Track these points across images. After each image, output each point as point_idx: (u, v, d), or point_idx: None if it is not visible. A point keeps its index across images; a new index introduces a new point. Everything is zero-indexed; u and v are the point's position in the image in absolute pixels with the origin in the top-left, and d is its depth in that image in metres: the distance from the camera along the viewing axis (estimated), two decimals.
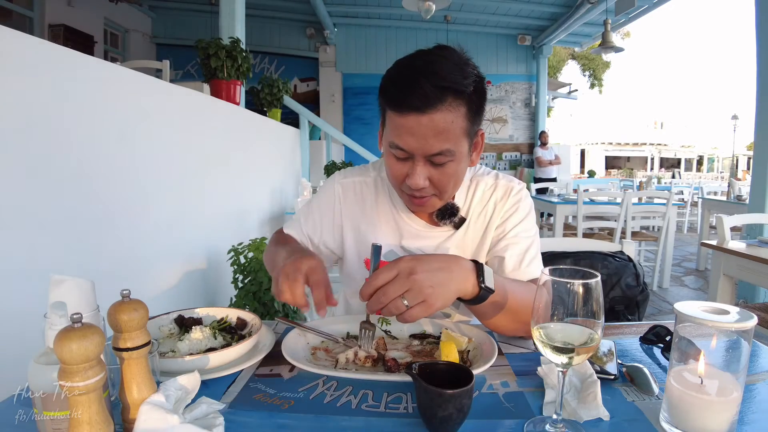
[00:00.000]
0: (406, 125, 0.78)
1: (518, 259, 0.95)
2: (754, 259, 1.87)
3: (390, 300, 0.65)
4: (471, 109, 0.81)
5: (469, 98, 0.80)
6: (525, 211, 0.99)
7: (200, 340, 0.76)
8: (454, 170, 0.84)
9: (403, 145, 0.81)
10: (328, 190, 1.07)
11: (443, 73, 0.77)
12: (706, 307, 0.56)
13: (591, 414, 0.59)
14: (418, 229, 1.00)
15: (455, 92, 0.77)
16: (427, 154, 0.80)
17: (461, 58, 0.82)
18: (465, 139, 0.83)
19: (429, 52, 0.81)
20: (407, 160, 0.83)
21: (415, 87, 0.76)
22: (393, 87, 0.79)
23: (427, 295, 0.66)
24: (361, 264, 1.04)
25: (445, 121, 0.78)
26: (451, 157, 0.81)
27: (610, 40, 4.89)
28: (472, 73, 0.80)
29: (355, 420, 0.60)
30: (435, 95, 0.76)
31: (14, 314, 1.21)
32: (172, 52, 7.44)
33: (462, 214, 0.98)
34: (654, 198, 4.56)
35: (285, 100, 4.64)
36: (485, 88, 0.85)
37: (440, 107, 0.76)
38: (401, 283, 0.66)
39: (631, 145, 28.73)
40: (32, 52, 1.35)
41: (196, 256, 2.41)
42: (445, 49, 0.82)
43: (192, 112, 2.44)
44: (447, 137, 0.79)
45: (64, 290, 0.58)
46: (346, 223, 1.05)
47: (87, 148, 1.58)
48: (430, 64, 0.78)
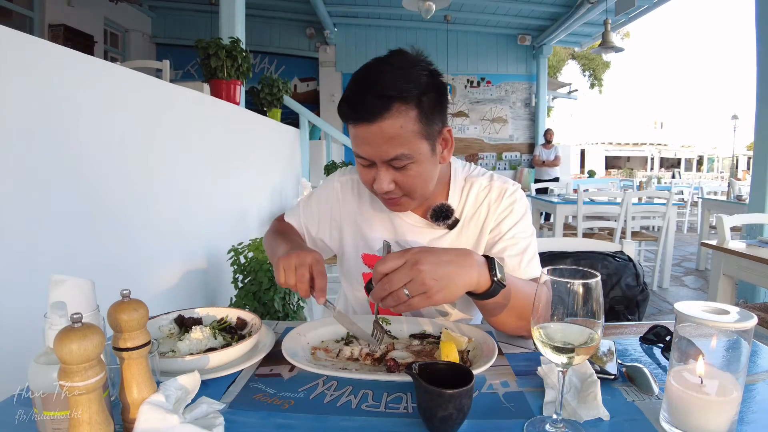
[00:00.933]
0: (360, 135, 0.83)
1: (517, 260, 0.95)
2: (754, 259, 1.87)
3: (394, 289, 0.68)
4: (422, 111, 0.82)
5: (418, 101, 0.82)
6: (520, 213, 1.00)
7: (200, 340, 0.76)
8: (417, 172, 0.87)
9: (361, 153, 0.85)
10: (329, 187, 1.10)
11: (386, 82, 0.80)
12: (706, 307, 0.56)
13: (591, 414, 0.59)
14: (412, 226, 1.01)
15: (400, 99, 0.80)
16: (384, 159, 0.84)
17: (409, 62, 0.84)
18: (422, 141, 0.84)
19: (378, 61, 0.85)
20: (371, 167, 0.87)
21: (361, 99, 0.81)
22: (344, 101, 0.84)
23: (428, 287, 0.67)
24: (359, 260, 1.05)
25: (393, 128, 0.80)
26: (409, 160, 0.84)
27: (610, 40, 4.89)
28: (420, 75, 0.82)
29: (355, 420, 0.60)
30: (379, 105, 0.79)
31: (14, 314, 1.21)
32: (172, 52, 7.44)
33: (456, 215, 0.99)
34: (654, 198, 4.56)
35: (285, 100, 4.64)
36: (442, 84, 0.87)
37: (386, 115, 0.80)
38: (406, 272, 0.68)
39: (631, 145, 28.73)
40: (32, 52, 1.35)
41: (196, 256, 2.41)
42: (395, 55, 0.85)
43: (192, 112, 2.44)
44: (400, 142, 0.82)
45: (64, 290, 0.58)
46: (344, 220, 1.07)
47: (87, 148, 1.58)
48: (374, 75, 0.82)
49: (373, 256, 1.03)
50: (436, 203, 0.98)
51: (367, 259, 1.04)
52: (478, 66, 8.27)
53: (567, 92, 10.34)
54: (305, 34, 8.06)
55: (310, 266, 0.81)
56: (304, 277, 0.79)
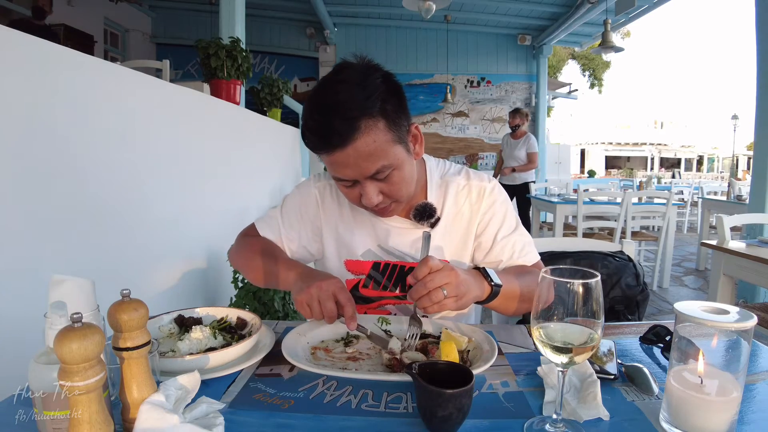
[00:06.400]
0: (337, 161, 0.83)
1: (517, 255, 0.99)
2: (754, 259, 1.87)
3: (435, 286, 0.72)
4: (389, 118, 0.82)
5: (382, 110, 0.81)
6: (503, 210, 1.02)
7: (200, 340, 0.76)
8: (400, 177, 0.87)
9: (342, 176, 0.86)
10: (306, 194, 1.07)
11: (347, 104, 0.78)
12: (706, 307, 0.56)
13: (591, 414, 0.59)
14: (394, 228, 1.02)
15: (366, 115, 0.79)
16: (366, 175, 0.84)
17: (360, 74, 0.82)
18: (396, 146, 0.85)
19: (329, 82, 0.83)
20: (355, 185, 0.88)
21: (328, 127, 0.79)
22: (310, 134, 0.82)
23: (461, 293, 0.75)
24: (342, 267, 1.05)
25: (368, 144, 0.80)
26: (390, 168, 0.85)
27: (610, 40, 4.88)
28: (375, 84, 0.81)
29: (355, 420, 0.60)
30: (348, 128, 0.78)
31: (14, 314, 1.21)
32: (172, 52, 7.43)
33: (437, 213, 1.00)
34: (654, 198, 4.56)
35: (285, 99, 4.63)
36: (397, 84, 0.86)
37: (358, 135, 0.79)
38: (447, 273, 0.73)
39: (631, 145, 28.73)
40: (32, 52, 1.35)
41: (196, 256, 2.41)
42: (344, 70, 0.84)
43: (192, 111, 2.43)
44: (378, 156, 0.82)
45: (64, 290, 0.58)
46: (325, 226, 1.06)
47: (87, 148, 1.58)
48: (332, 98, 0.80)
49: (357, 261, 1.03)
50: (418, 203, 0.98)
51: (350, 266, 1.04)
52: (478, 66, 8.26)
53: (567, 92, 10.33)
54: (305, 34, 8.05)
55: (334, 295, 0.80)
56: (333, 311, 0.78)
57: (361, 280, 1.04)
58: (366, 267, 1.03)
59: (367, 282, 1.03)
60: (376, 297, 1.04)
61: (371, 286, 1.03)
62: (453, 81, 8.23)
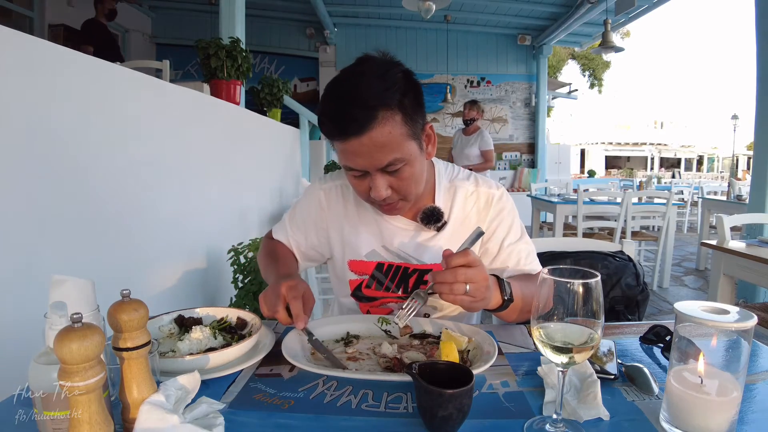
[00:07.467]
0: (350, 149, 0.83)
1: (523, 263, 1.01)
2: (754, 259, 1.87)
3: (461, 280, 0.72)
4: (406, 113, 0.83)
5: (400, 104, 0.82)
6: (511, 217, 1.03)
7: (200, 340, 0.76)
8: (410, 173, 0.88)
9: (354, 165, 0.86)
10: (312, 196, 1.09)
11: (367, 92, 0.80)
12: (706, 307, 0.56)
13: (591, 414, 0.59)
14: (399, 229, 1.02)
15: (384, 106, 0.80)
16: (378, 167, 0.85)
17: (381, 67, 0.84)
18: (410, 142, 0.86)
19: (351, 73, 0.84)
20: (365, 177, 0.88)
21: (346, 115, 0.80)
22: (328, 120, 0.83)
23: (480, 297, 0.75)
24: (345, 267, 1.06)
25: (383, 135, 0.81)
26: (402, 162, 0.85)
27: (610, 40, 4.88)
28: (395, 78, 0.83)
29: (355, 420, 0.60)
30: (366, 117, 0.80)
31: (14, 314, 1.21)
32: (172, 52, 7.43)
33: (444, 217, 1.00)
34: (654, 198, 4.56)
35: (285, 100, 4.63)
36: (417, 83, 0.87)
37: (374, 125, 0.80)
38: (479, 273, 0.73)
39: (631, 145, 28.74)
40: (32, 52, 1.35)
41: (197, 256, 2.41)
42: (365, 62, 0.85)
43: (192, 112, 2.43)
44: (391, 148, 0.83)
45: (65, 290, 0.58)
46: (331, 228, 1.07)
47: (87, 148, 1.58)
48: (354, 88, 0.81)
49: (360, 262, 1.04)
50: (425, 206, 0.99)
51: (353, 266, 1.05)
52: (478, 66, 8.27)
53: (567, 92, 10.33)
54: (305, 34, 8.05)
55: (284, 296, 0.81)
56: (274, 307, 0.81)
57: (364, 281, 1.04)
58: (369, 268, 1.04)
59: (370, 282, 1.04)
60: (379, 297, 1.05)
61: (374, 287, 1.04)
62: (453, 81, 8.23)
